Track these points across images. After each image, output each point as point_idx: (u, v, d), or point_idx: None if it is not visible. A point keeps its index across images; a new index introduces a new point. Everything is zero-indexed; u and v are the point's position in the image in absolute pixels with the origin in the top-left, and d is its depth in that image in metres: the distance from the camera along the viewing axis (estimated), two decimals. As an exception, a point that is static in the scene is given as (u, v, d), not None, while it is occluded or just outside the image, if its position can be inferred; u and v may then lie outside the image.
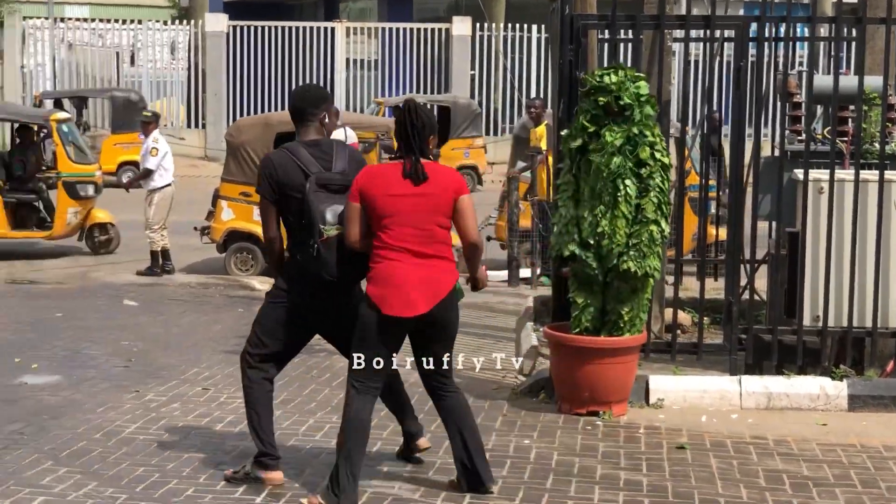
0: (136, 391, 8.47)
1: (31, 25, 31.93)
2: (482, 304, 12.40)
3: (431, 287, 6.15)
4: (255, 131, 14.58)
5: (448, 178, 6.20)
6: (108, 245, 15.96)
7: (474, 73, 31.19)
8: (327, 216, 6.24)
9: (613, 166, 7.78)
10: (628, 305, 7.92)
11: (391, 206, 6.07)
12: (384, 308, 6.07)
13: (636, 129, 7.78)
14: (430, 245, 6.14)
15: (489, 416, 8.02)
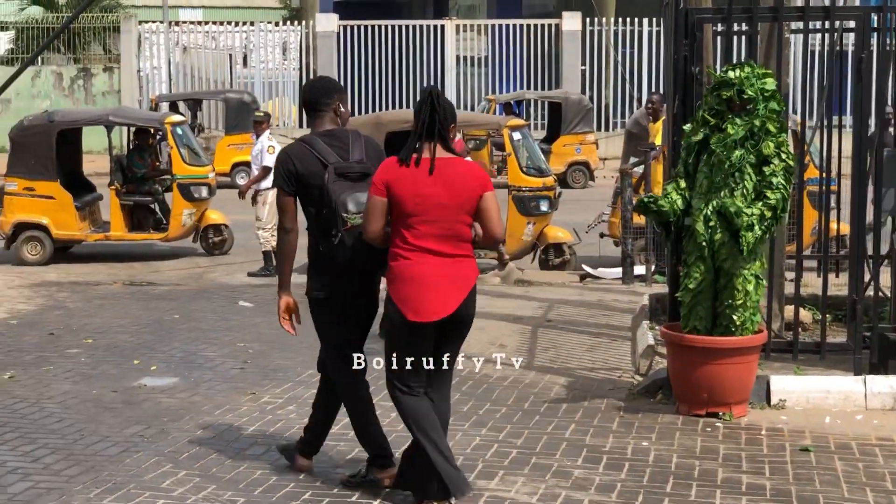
0: (252, 393, 8.51)
1: (146, 30, 32.46)
2: (596, 302, 12.29)
3: (455, 287, 6.02)
4: (367, 130, 14.42)
5: (473, 176, 6.08)
6: (222, 246, 16.10)
7: (585, 68, 30.99)
8: (349, 205, 6.24)
9: (734, 159, 7.66)
10: (739, 311, 7.78)
11: (419, 205, 5.96)
12: (409, 313, 5.98)
13: (758, 122, 7.65)
14: (454, 245, 6.05)
15: (606, 416, 7.92)
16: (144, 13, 38.99)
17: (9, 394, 8.51)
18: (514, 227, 14.30)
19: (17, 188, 15.28)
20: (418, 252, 5.99)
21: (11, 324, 11.09)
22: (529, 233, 14.37)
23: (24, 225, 15.29)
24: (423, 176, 5.98)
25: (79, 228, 15.51)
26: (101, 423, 7.79)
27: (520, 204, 14.36)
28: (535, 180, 14.53)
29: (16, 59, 33.32)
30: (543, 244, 14.53)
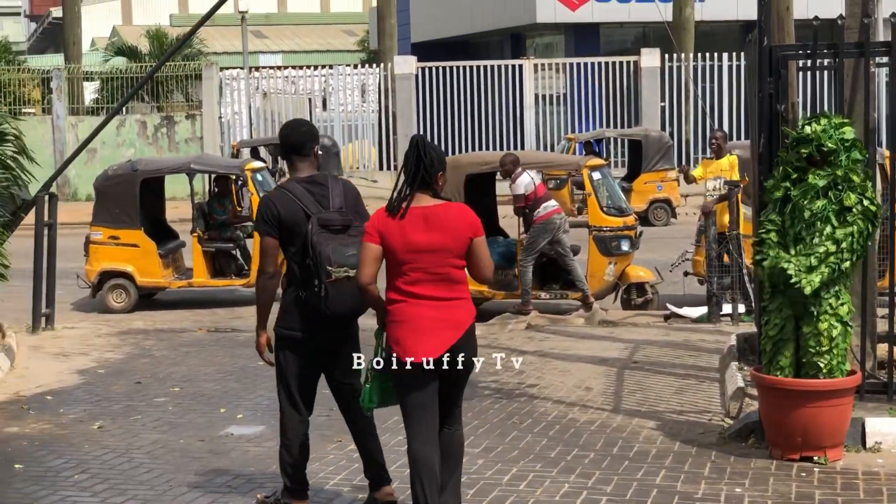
0: (338, 441, 8.49)
1: (227, 76, 32.86)
2: (682, 342, 12.14)
3: (449, 329, 6.13)
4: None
5: (463, 221, 6.21)
6: None
7: (664, 104, 30.84)
8: (334, 258, 6.39)
9: (816, 209, 7.57)
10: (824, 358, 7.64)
11: (410, 252, 6.09)
12: (401, 353, 6.10)
13: (841, 172, 7.56)
14: (447, 288, 6.16)
15: (696, 462, 7.79)
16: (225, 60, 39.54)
17: (98, 444, 8.57)
18: (596, 267, 14.21)
19: (103, 237, 15.48)
20: (411, 297, 6.12)
21: (100, 373, 11.19)
22: (611, 273, 14.27)
23: (109, 273, 15.48)
24: (412, 224, 6.11)
25: (162, 276, 15.66)
26: (189, 472, 7.81)
27: (601, 244, 14.28)
28: (616, 220, 14.45)
29: (101, 108, 33.88)
30: (625, 283, 14.43)
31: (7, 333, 12.44)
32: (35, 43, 67.10)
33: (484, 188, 15.49)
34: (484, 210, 15.53)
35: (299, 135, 6.71)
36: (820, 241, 7.60)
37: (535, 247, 13.98)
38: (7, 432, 8.97)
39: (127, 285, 15.48)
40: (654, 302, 14.44)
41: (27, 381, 10.81)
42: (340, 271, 6.39)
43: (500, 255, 14.66)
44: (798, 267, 7.58)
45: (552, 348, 12.02)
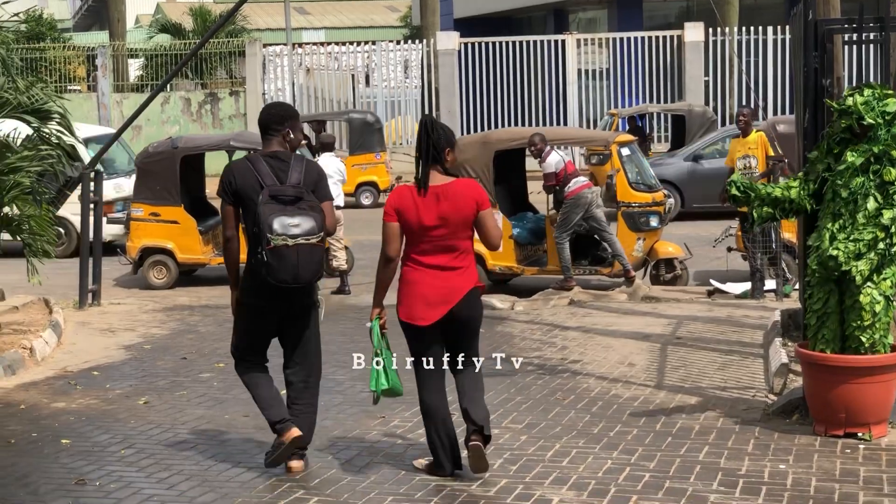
0: (382, 417, 8.51)
1: (270, 53, 32.90)
2: (726, 318, 12.11)
3: (445, 295, 6.84)
4: (474, 149, 14.68)
5: (468, 195, 6.85)
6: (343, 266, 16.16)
7: (708, 79, 30.62)
8: (275, 226, 6.83)
9: (854, 186, 7.51)
10: (867, 333, 7.59)
11: (421, 227, 6.79)
12: (401, 312, 6.91)
13: (878, 149, 7.48)
14: (452, 257, 6.88)
15: (740, 438, 7.77)
16: (268, 36, 39.60)
17: (144, 419, 8.65)
18: (624, 242, 14.24)
19: (143, 213, 15.58)
20: (419, 266, 6.87)
21: (146, 348, 11.28)
22: (640, 248, 14.28)
23: (150, 249, 15.60)
24: (426, 202, 6.80)
25: (202, 252, 15.76)
26: (233, 448, 7.86)
27: (629, 220, 14.30)
28: (645, 195, 14.45)
29: (145, 85, 34.06)
30: (654, 259, 14.42)
31: (54, 309, 12.57)
32: (80, 20, 67.42)
33: (514, 164, 15.53)
34: (514, 186, 15.59)
35: (268, 116, 7.22)
36: (866, 222, 7.52)
37: (568, 223, 13.97)
38: (54, 407, 9.07)
39: (167, 261, 15.59)
40: (683, 278, 14.41)
41: (74, 357, 10.92)
42: (279, 239, 6.81)
43: (530, 230, 14.68)
44: (846, 254, 7.51)
45: (595, 324, 12.01)
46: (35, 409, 9.02)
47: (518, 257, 14.55)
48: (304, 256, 6.86)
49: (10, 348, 10.66)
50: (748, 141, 14.13)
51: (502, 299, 13.55)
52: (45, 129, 11.15)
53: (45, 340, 11.13)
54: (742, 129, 14.32)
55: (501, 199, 14.84)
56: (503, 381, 9.56)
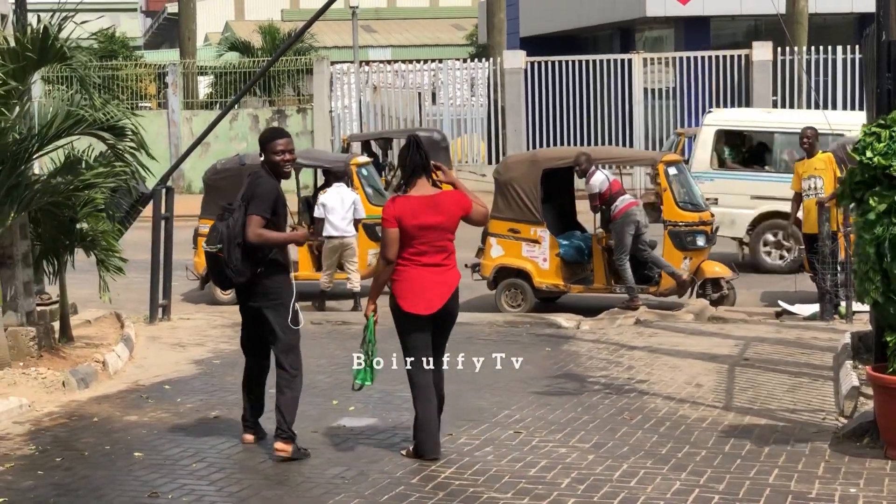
0: (449, 434, 8.55)
1: (337, 70, 33.11)
2: (794, 339, 12.04)
3: (441, 289, 7.86)
4: (522, 168, 14.78)
5: (454, 204, 7.91)
6: None
7: (776, 98, 30.41)
8: (208, 236, 8.12)
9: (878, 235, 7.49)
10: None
11: (417, 230, 7.79)
12: (404, 304, 7.84)
13: None
14: (442, 257, 7.89)
15: (810, 461, 7.73)
16: (335, 54, 39.91)
17: (214, 433, 8.74)
18: (671, 261, 14.22)
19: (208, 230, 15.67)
20: (417, 265, 7.84)
21: (215, 363, 11.40)
22: (686, 268, 14.23)
23: None
24: (422, 208, 7.81)
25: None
26: (302, 463, 7.94)
27: (676, 239, 14.32)
28: (691, 215, 14.45)
29: (214, 103, 34.40)
30: (701, 279, 14.38)
31: (126, 324, 12.74)
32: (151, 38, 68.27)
33: (563, 183, 15.60)
34: (562, 205, 15.65)
35: (259, 138, 8.48)
36: None
37: (623, 242, 14.00)
38: (127, 420, 9.19)
39: None
40: (730, 298, 14.36)
41: (145, 371, 11.06)
42: (212, 248, 8.08)
43: (577, 249, 14.73)
44: None
45: (661, 344, 11.99)
46: (108, 422, 9.15)
47: (565, 275, 14.59)
48: (212, 261, 8.16)
49: (83, 362, 10.82)
50: (813, 162, 14.06)
51: (568, 318, 13.56)
52: (119, 145, 11.32)
53: (117, 354, 11.29)
54: (807, 151, 14.26)
55: (550, 218, 14.94)
56: (570, 400, 9.58)
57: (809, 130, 14.48)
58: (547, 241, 14.55)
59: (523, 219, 14.44)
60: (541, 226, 14.57)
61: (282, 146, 8.24)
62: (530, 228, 14.58)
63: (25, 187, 10.65)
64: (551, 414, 9.15)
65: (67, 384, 10.12)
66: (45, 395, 9.87)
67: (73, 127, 10.83)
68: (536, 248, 14.57)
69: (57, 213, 11.37)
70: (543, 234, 14.57)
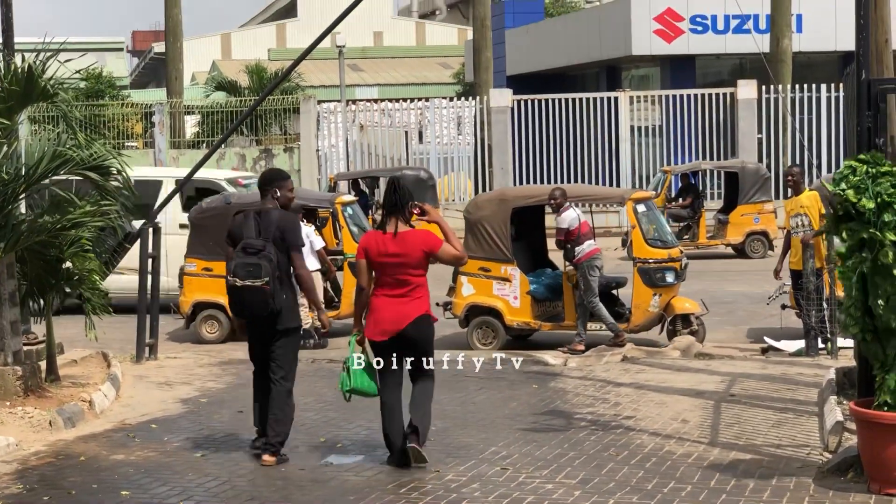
0: (436, 471, 8.58)
1: (324, 109, 33.23)
2: (780, 375, 12.08)
3: (399, 317, 8.61)
4: (492, 207, 14.88)
5: (417, 241, 8.64)
6: None
7: (761, 136, 30.62)
8: (235, 270, 8.79)
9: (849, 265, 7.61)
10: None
11: (379, 264, 8.64)
12: (367, 332, 8.75)
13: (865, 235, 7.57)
14: (401, 288, 8.63)
15: (795, 496, 7.77)
16: (322, 93, 40.03)
17: (201, 472, 8.75)
18: (641, 298, 14.35)
19: (197, 269, 15.67)
20: (378, 295, 8.70)
21: (202, 402, 11.41)
22: (656, 304, 14.35)
23: (202, 304, 15.72)
24: (385, 243, 8.62)
25: None
26: (290, 501, 7.96)
27: (645, 276, 14.39)
28: (661, 252, 14.54)
29: (201, 142, 34.50)
30: (671, 315, 14.44)
31: (112, 363, 12.73)
32: (137, 78, 68.48)
33: (534, 221, 15.70)
34: (533, 243, 15.75)
35: (260, 180, 9.33)
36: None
37: (591, 285, 14.11)
38: (113, 459, 9.19)
39: (219, 316, 15.74)
40: (699, 333, 14.39)
41: (132, 410, 11.06)
42: (233, 281, 8.79)
43: (547, 286, 14.80)
44: None
45: (648, 380, 12.03)
46: (95, 461, 9.16)
47: (535, 313, 14.66)
48: (250, 294, 8.76)
49: (70, 401, 10.82)
50: (800, 199, 14.14)
51: (555, 355, 13.60)
52: (106, 185, 11.36)
53: (104, 393, 11.29)
54: (792, 188, 14.36)
55: (520, 256, 15.02)
56: (557, 436, 9.61)
57: (794, 168, 14.58)
58: (517, 280, 14.63)
59: (493, 257, 14.44)
60: (511, 264, 14.64)
61: (292, 185, 9.26)
62: (501, 267, 14.64)
63: (13, 227, 10.69)
64: (538, 450, 9.18)
65: (54, 423, 10.12)
66: (32, 435, 9.86)
67: (59, 167, 10.89)
68: (507, 286, 14.64)
69: (44, 253, 11.39)
70: (514, 272, 14.65)
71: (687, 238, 25.30)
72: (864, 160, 7.73)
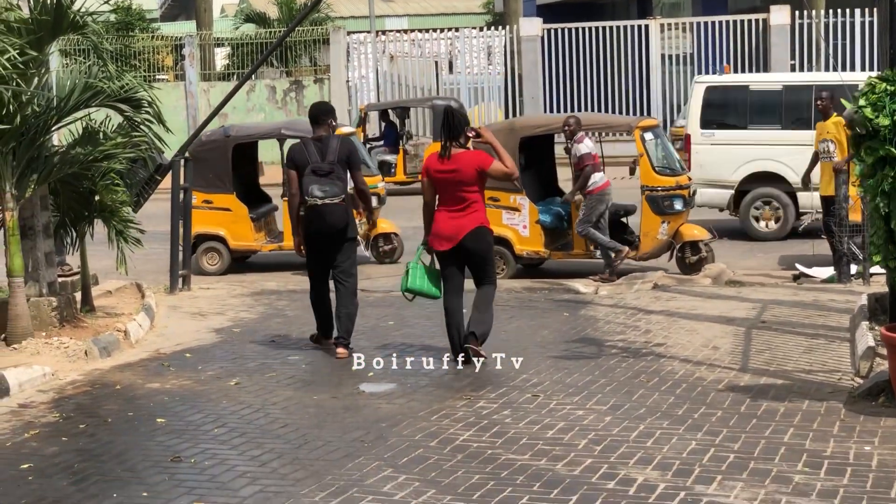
0: (467, 398, 8.64)
1: (354, 40, 33.10)
2: (811, 302, 12.07)
3: (456, 230, 9.58)
4: (501, 137, 14.70)
5: (470, 159, 9.60)
6: (393, 254, 16.32)
7: (794, 62, 30.31)
8: (313, 191, 9.97)
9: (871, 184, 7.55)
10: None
11: (437, 180, 9.64)
12: (434, 244, 9.73)
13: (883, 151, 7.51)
14: (459, 204, 9.59)
15: (825, 420, 7.78)
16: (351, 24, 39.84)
17: (235, 400, 8.85)
18: (649, 226, 14.40)
19: (197, 201, 15.30)
20: (440, 210, 9.70)
21: (235, 332, 11.50)
22: (664, 232, 14.39)
23: (202, 236, 15.71)
24: (443, 164, 9.59)
25: (254, 239, 15.98)
26: (323, 428, 8.03)
27: (653, 203, 14.41)
28: (668, 179, 14.53)
29: (231, 74, 34.47)
30: (679, 242, 14.45)
31: (146, 294, 12.84)
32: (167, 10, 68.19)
33: (544, 151, 15.66)
34: (543, 172, 15.71)
35: (315, 111, 10.37)
36: None
37: (591, 218, 14.07)
38: (149, 388, 9.30)
39: (220, 248, 15.81)
40: (708, 259, 14.39)
41: (166, 340, 11.17)
42: (315, 200, 9.96)
43: (556, 216, 14.79)
44: None
45: (679, 308, 12.04)
46: (130, 390, 9.27)
47: (545, 242, 14.68)
48: (330, 210, 10.00)
49: (105, 331, 10.93)
50: (826, 125, 14.07)
51: (586, 284, 13.62)
52: (136, 117, 11.39)
53: (138, 323, 11.40)
54: (822, 113, 14.30)
55: (530, 186, 15.04)
56: (587, 363, 9.65)
57: (825, 93, 14.48)
58: (526, 209, 14.63)
59: (502, 187, 14.38)
60: (520, 193, 14.62)
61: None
62: (510, 196, 14.62)
63: (45, 159, 10.74)
64: (569, 377, 9.22)
65: (90, 353, 10.23)
66: (67, 364, 9.98)
67: (91, 99, 10.91)
68: (516, 215, 14.66)
69: (76, 185, 11.45)
70: (523, 201, 14.64)
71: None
72: (885, 77, 7.65)
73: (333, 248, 10.23)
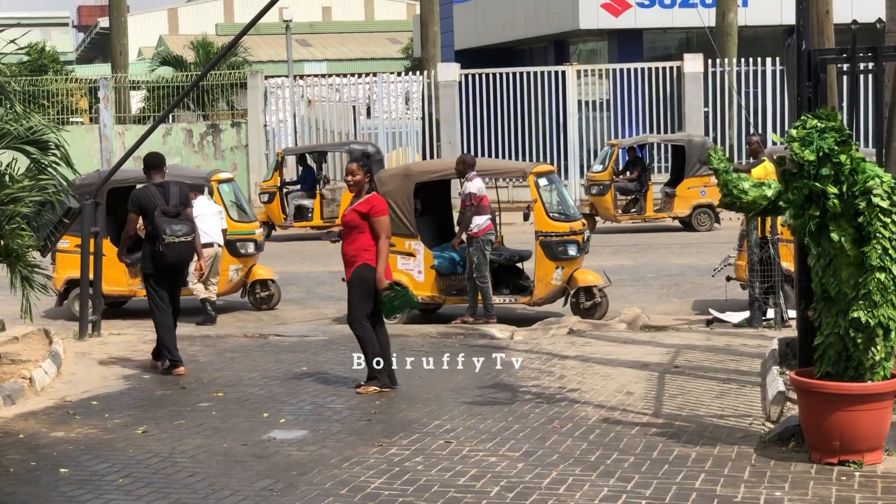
0: (379, 445, 8.55)
1: (272, 84, 33.00)
2: (724, 346, 12.14)
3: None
4: (396, 182, 14.85)
5: (366, 205, 10.39)
6: (270, 301, 16.24)
7: (708, 109, 30.73)
8: (167, 231, 11.22)
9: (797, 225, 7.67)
10: (867, 354, 7.62)
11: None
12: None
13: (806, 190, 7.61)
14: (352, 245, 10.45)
15: (737, 465, 7.79)
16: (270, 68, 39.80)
17: (142, 448, 8.67)
18: (543, 271, 14.45)
19: (69, 245, 15.13)
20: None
21: (145, 378, 11.31)
22: (558, 277, 14.45)
23: (75, 281, 15.17)
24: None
25: (128, 284, 15.73)
26: (231, 476, 7.89)
27: (547, 249, 14.44)
28: (562, 225, 14.60)
29: (147, 117, 34.18)
30: (574, 288, 14.52)
31: (54, 340, 12.59)
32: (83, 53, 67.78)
33: (439, 196, 15.71)
34: (438, 217, 15.76)
35: (155, 159, 11.68)
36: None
37: (483, 262, 14.12)
38: (53, 437, 9.09)
39: None
40: (602, 306, 14.46)
41: (73, 387, 10.95)
42: (173, 238, 11.21)
43: (450, 261, 14.78)
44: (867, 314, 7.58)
45: (594, 353, 12.04)
46: (34, 439, 9.05)
47: (440, 287, 14.68)
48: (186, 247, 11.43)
49: (9, 378, 10.69)
50: (756, 170, 14.18)
51: (502, 329, 13.59)
52: (44, 159, 11.20)
53: (44, 370, 11.16)
54: (752, 155, 14.49)
55: (425, 230, 15.07)
56: (501, 409, 9.60)
57: (754, 137, 14.68)
58: (421, 254, 14.63)
59: (398, 232, 14.25)
60: (415, 239, 14.63)
61: None
62: (405, 241, 14.61)
63: (-51, 203, 10.51)
64: (482, 423, 9.17)
65: (-7, 401, 9.99)
66: (-30, 413, 9.74)
67: (-4, 141, 10.72)
68: (411, 260, 14.65)
69: (-19, 229, 11.21)
70: (418, 246, 14.64)
71: (634, 211, 25.45)
72: (818, 115, 7.72)
73: (180, 279, 11.73)
